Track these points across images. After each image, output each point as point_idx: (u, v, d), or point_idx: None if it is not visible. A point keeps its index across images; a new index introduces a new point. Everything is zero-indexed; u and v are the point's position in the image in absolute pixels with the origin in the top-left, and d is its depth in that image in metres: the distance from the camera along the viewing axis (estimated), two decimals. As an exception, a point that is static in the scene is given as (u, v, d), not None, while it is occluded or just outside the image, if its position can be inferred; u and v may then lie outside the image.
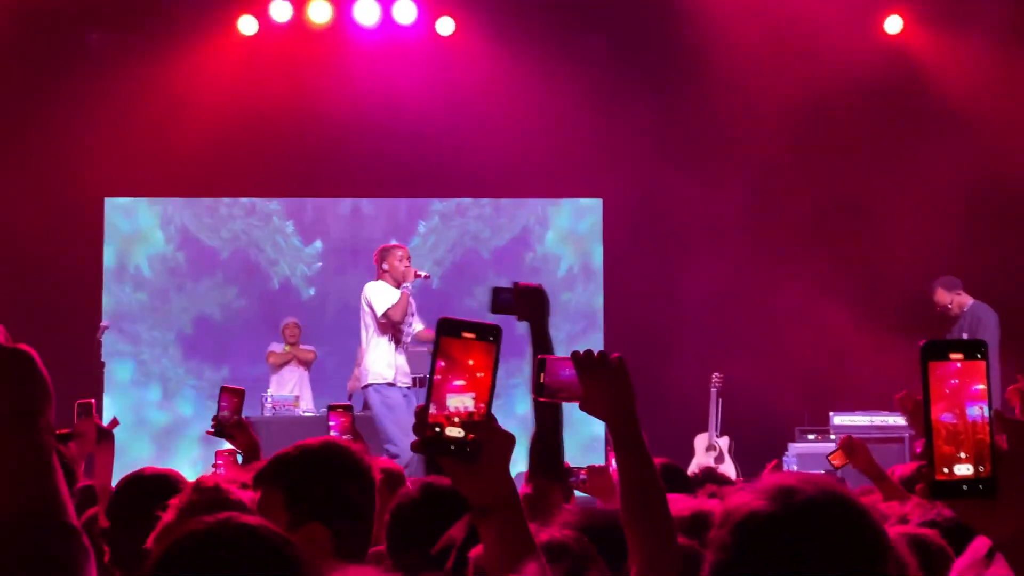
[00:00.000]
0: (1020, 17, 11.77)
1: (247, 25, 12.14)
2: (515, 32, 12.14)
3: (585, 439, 11.37)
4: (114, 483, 4.02)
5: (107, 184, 12.50)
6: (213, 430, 4.57)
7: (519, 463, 3.72)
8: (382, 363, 9.20)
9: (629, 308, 12.39)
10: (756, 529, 1.76)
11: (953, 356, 1.68)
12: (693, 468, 10.26)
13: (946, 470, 1.64)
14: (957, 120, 11.67)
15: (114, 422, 4.62)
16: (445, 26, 12.26)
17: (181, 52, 12.06)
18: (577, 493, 5.09)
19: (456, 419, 1.87)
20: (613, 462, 2.71)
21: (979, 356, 1.68)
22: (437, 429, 1.87)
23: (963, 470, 1.64)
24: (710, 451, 10.98)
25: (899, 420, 10.33)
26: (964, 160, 11.48)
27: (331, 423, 4.77)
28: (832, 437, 10.57)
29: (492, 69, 12.13)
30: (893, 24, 12.11)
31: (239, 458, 4.48)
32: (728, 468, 10.36)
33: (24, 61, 11.93)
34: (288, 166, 12.56)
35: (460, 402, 1.87)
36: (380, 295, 9.23)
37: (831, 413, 10.78)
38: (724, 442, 11.03)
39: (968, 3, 11.81)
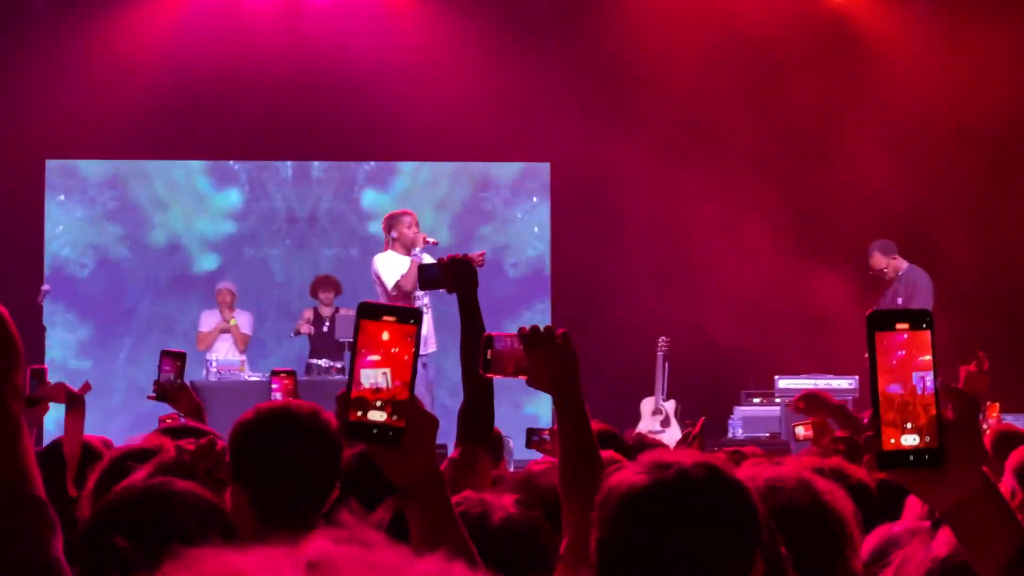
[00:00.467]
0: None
1: (191, -15, 12.01)
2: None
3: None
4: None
5: (48, 145, 12.33)
6: (155, 395, 4.53)
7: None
8: None
9: (576, 272, 12.40)
10: (632, 502, 1.80)
11: (899, 326, 1.68)
12: (640, 431, 10.33)
13: (893, 440, 1.64)
14: (894, 72, 11.84)
15: (86, 386, 4.53)
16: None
17: (124, 12, 11.91)
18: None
19: (379, 402, 1.86)
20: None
21: (925, 326, 1.69)
22: (359, 413, 1.86)
23: (910, 440, 1.64)
24: (656, 415, 11.04)
25: (843, 384, 10.47)
26: (903, 112, 11.69)
27: (273, 386, 4.75)
28: (777, 400, 10.68)
29: (438, 32, 12.10)
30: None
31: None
32: (674, 432, 10.43)
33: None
34: (228, 128, 12.43)
35: (373, 377, 1.86)
36: (389, 266, 9.08)
37: (776, 377, 10.88)
38: (670, 406, 11.09)
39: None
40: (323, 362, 10.75)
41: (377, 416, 1.86)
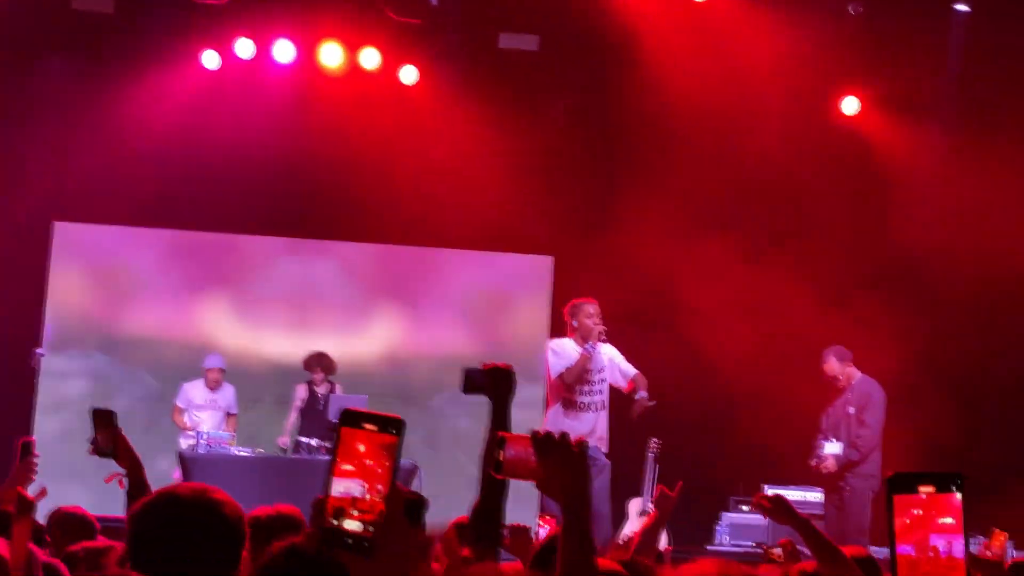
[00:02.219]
0: (971, 107, 12.08)
1: (210, 59, 12.13)
2: (476, 86, 12.26)
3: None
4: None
5: (57, 208, 12.40)
6: (93, 451, 4.48)
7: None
8: (551, 428, 8.98)
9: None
10: None
11: (922, 489, 1.66)
12: (626, 533, 10.25)
13: None
14: (906, 195, 11.93)
15: (42, 492, 4.44)
16: (408, 75, 12.32)
17: (141, 82, 12.03)
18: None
19: (356, 511, 1.86)
20: (538, 525, 2.74)
21: (953, 488, 1.65)
22: (335, 521, 1.86)
23: None
24: (643, 516, 10.94)
25: (813, 496, 10.47)
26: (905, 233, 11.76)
27: None
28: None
29: (451, 120, 12.21)
30: (849, 105, 12.33)
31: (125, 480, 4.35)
32: (660, 535, 10.33)
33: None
34: (233, 202, 12.48)
35: (345, 487, 1.86)
36: (560, 355, 8.90)
37: (764, 484, 10.81)
38: (657, 508, 10.98)
39: (923, 92, 12.10)
40: (313, 441, 10.68)
41: (352, 525, 1.86)
